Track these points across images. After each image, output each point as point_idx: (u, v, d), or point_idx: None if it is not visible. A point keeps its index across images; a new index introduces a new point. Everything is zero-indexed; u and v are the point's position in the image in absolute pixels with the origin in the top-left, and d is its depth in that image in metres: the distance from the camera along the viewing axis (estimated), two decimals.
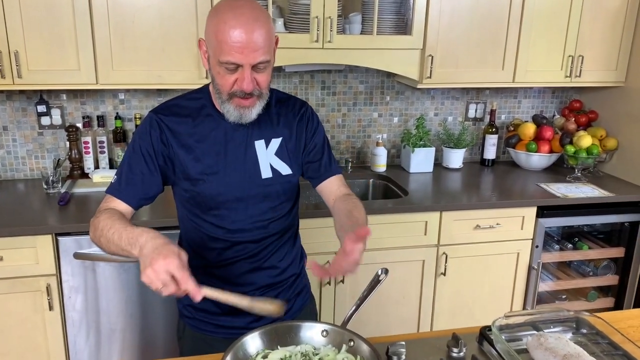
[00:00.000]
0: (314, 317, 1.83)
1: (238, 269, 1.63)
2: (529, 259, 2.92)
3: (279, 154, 1.61)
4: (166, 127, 1.53)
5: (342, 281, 2.71)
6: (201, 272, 1.59)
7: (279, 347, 1.41)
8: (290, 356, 1.38)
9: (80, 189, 2.75)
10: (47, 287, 2.39)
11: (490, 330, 1.51)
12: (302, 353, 1.40)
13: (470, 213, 2.79)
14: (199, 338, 1.69)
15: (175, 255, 1.19)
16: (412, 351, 1.46)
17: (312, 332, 1.44)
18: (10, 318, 2.41)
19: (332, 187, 1.68)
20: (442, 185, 3.06)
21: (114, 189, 1.53)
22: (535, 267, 2.90)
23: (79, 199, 2.66)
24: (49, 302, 2.41)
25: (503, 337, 1.43)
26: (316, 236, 2.47)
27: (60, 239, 2.37)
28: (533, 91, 3.48)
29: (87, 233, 1.57)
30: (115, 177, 1.55)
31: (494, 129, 3.34)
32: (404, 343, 1.45)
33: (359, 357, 1.37)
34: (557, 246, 3.03)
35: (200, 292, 1.23)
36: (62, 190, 2.71)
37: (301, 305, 1.77)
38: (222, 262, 1.63)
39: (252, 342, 1.37)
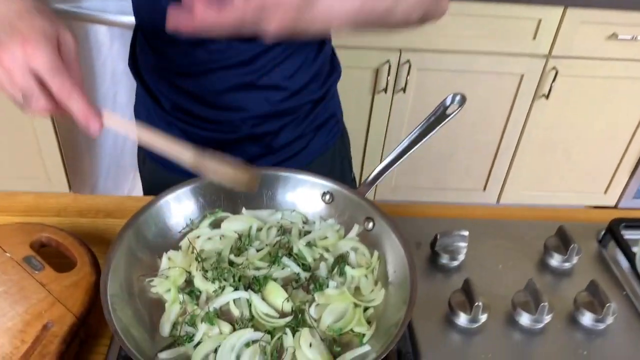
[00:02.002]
0: (345, 164, 1.17)
1: (217, 83, 0.94)
2: None
3: None
4: None
5: (404, 89, 2.00)
6: (161, 81, 0.96)
7: (244, 209, 0.81)
8: (259, 229, 0.79)
9: None
10: None
11: (628, 226, 0.84)
12: (280, 226, 0.80)
13: (607, 14, 1.90)
14: (160, 176, 1.09)
15: (45, 41, 0.59)
16: (477, 245, 0.83)
17: (308, 192, 0.81)
18: None
19: None
20: None
21: None
22: None
23: None
24: None
25: None
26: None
27: None
28: None
29: None
30: None
31: None
32: (466, 234, 0.81)
33: (376, 252, 0.75)
34: None
35: (97, 119, 0.62)
36: None
37: (322, 145, 1.09)
38: (193, 69, 0.94)
39: (199, 194, 0.78)
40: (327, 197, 0.80)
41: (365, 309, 0.69)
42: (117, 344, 0.64)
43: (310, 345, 0.63)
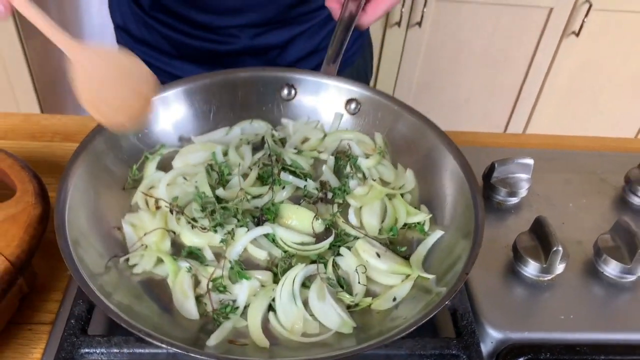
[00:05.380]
0: (368, 76, 0.98)
1: None
2: None
3: None
4: None
5: (419, 23, 1.79)
6: None
7: (192, 137, 0.62)
8: (225, 153, 0.60)
9: None
10: None
11: None
12: (248, 141, 0.61)
13: None
14: None
15: None
16: (539, 177, 0.65)
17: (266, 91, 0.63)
18: None
19: None
20: None
21: None
22: None
23: None
24: None
25: None
26: None
27: None
28: None
29: None
30: None
31: None
32: (530, 162, 0.62)
33: (377, 134, 0.58)
34: None
35: None
36: None
37: (347, 60, 0.88)
38: None
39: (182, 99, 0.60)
40: (287, 91, 0.62)
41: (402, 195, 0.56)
42: (73, 299, 0.47)
43: (378, 255, 0.49)
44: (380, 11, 0.66)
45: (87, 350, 0.43)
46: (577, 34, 1.86)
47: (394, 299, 0.48)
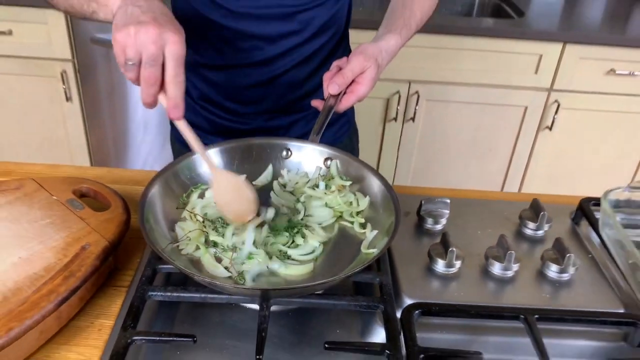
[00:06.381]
0: (354, 153, 1.30)
1: (241, 78, 1.10)
2: None
3: None
4: None
5: (413, 119, 2.14)
6: (192, 74, 1.11)
7: None
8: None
9: None
10: (62, 74, 2.04)
11: (597, 204, 0.94)
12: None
13: (605, 50, 2.02)
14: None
15: (178, 31, 0.72)
16: (460, 216, 0.93)
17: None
18: (27, 104, 2.14)
19: None
20: (577, 12, 2.25)
21: None
22: None
23: None
24: (66, 92, 2.08)
25: (618, 218, 0.85)
26: None
27: (75, 19, 1.95)
28: None
29: None
30: None
31: None
32: (448, 201, 0.92)
33: (369, 198, 0.87)
34: None
35: (181, 109, 0.74)
36: None
37: (330, 142, 1.22)
38: (218, 63, 1.10)
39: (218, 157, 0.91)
40: (285, 153, 0.95)
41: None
42: (141, 274, 0.76)
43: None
44: (351, 102, 0.97)
45: (151, 294, 0.72)
46: (550, 129, 2.17)
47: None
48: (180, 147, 1.21)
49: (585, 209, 0.95)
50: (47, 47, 2.02)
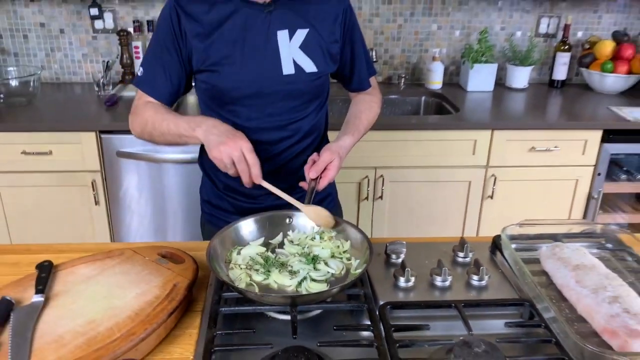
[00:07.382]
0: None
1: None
2: (588, 188, 2.69)
3: (304, 47, 1.48)
4: (183, 13, 1.45)
5: (381, 197, 2.64)
6: (218, 172, 1.57)
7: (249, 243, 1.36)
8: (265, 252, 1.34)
9: (129, 92, 2.81)
10: (92, 183, 2.50)
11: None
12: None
13: (525, 133, 2.59)
14: (214, 233, 1.69)
15: (243, 137, 1.30)
16: (413, 252, 1.38)
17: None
18: (62, 209, 2.56)
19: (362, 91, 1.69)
20: (501, 105, 2.84)
21: (144, 84, 1.51)
22: (596, 197, 2.67)
23: (126, 101, 2.72)
24: (95, 197, 2.52)
25: (513, 245, 1.31)
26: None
27: (103, 137, 2.44)
28: (617, 4, 3.09)
29: (129, 132, 1.53)
30: (142, 68, 1.51)
31: (566, 47, 3.03)
32: (404, 243, 1.38)
33: (350, 242, 1.32)
34: (623, 176, 2.76)
35: (260, 178, 1.32)
36: (112, 93, 2.77)
37: (325, 206, 1.69)
38: None
39: (245, 227, 1.36)
40: (289, 220, 1.40)
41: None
42: (210, 299, 1.18)
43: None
44: (325, 182, 1.40)
45: (222, 309, 1.14)
46: (492, 197, 2.68)
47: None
48: (210, 227, 1.65)
49: (496, 242, 1.41)
50: (80, 162, 2.48)
